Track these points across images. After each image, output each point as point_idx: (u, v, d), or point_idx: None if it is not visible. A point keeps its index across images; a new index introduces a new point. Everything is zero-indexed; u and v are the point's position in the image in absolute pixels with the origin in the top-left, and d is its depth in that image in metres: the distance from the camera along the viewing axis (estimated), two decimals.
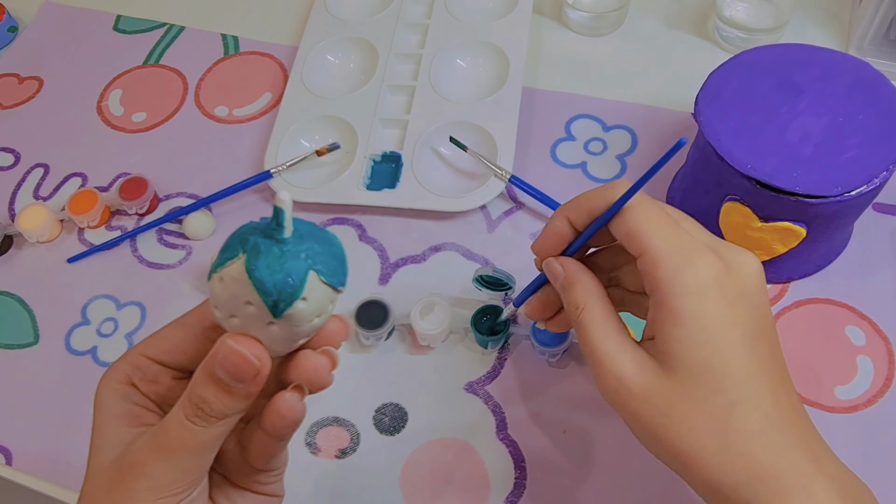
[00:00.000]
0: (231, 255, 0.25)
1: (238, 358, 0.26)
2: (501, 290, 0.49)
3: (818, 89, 0.46)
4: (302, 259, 0.25)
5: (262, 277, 0.25)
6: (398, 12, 0.65)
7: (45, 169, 0.62)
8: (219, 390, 0.27)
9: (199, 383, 0.27)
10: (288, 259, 0.25)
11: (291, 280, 0.25)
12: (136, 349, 0.31)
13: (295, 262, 0.25)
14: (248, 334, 0.26)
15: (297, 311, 0.25)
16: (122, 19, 0.71)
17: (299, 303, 0.25)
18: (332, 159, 0.58)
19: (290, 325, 0.26)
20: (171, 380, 0.31)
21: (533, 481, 0.45)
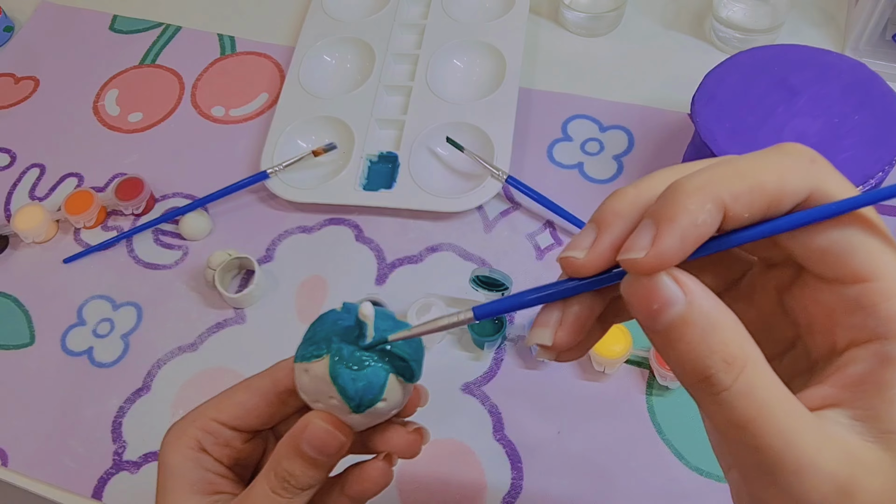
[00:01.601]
0: (317, 352, 0.27)
1: (326, 434, 0.27)
2: (498, 290, 0.49)
3: (814, 90, 0.47)
4: (382, 367, 0.27)
5: (346, 385, 0.26)
6: (395, 13, 0.65)
7: (41, 169, 0.61)
8: (305, 464, 0.28)
9: (284, 457, 0.28)
10: (369, 368, 0.27)
11: (372, 387, 0.27)
12: (206, 413, 0.31)
13: (376, 370, 0.27)
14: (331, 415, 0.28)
15: (377, 409, 0.27)
16: (119, 19, 0.71)
17: (379, 403, 0.27)
18: (328, 159, 0.58)
19: (370, 418, 0.28)
20: (242, 443, 0.31)
21: (529, 482, 0.45)
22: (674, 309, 0.19)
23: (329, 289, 0.53)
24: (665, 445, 0.46)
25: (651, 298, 0.19)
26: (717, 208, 0.19)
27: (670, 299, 0.19)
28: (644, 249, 0.19)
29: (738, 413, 0.19)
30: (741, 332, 0.19)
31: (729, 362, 0.19)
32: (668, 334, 0.19)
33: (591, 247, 0.21)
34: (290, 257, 0.55)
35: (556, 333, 0.23)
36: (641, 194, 0.21)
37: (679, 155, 0.56)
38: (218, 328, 0.52)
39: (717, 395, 0.19)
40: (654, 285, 0.19)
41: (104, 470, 0.48)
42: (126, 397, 0.50)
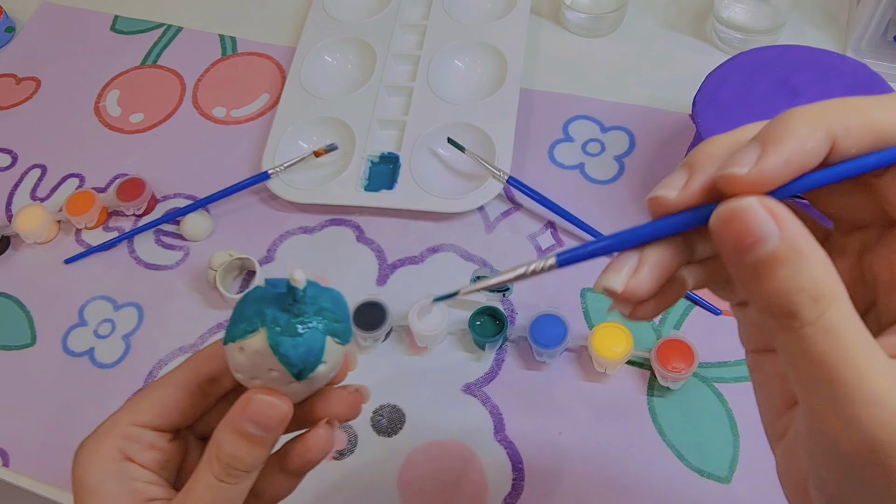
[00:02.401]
0: (250, 328, 0.27)
1: (269, 407, 0.27)
2: (499, 291, 0.49)
3: (816, 91, 0.47)
4: (320, 330, 0.27)
5: (287, 352, 0.26)
6: (396, 13, 0.65)
7: (43, 170, 0.62)
8: (249, 444, 0.27)
9: (226, 441, 0.27)
10: (308, 332, 0.27)
11: (312, 351, 0.27)
12: (123, 418, 0.30)
13: (314, 334, 0.27)
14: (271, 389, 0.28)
15: (318, 373, 0.27)
16: (120, 20, 0.71)
17: (320, 367, 0.27)
18: (329, 160, 0.58)
19: (310, 384, 0.28)
20: (167, 443, 0.30)
21: (530, 483, 0.45)
22: (767, 244, 0.19)
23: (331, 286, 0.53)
24: (666, 446, 0.46)
25: (744, 232, 0.19)
26: (827, 138, 0.19)
27: (764, 234, 0.19)
28: (747, 165, 0.19)
29: (818, 347, 0.18)
30: (831, 269, 0.19)
31: (817, 299, 0.18)
32: (758, 269, 0.19)
33: (683, 186, 0.21)
34: (292, 258, 0.55)
35: (628, 280, 0.21)
36: (738, 139, 0.21)
37: (680, 156, 0.56)
38: (219, 329, 0.52)
39: (800, 330, 0.19)
40: (749, 217, 0.19)
41: None
42: (127, 398, 0.50)
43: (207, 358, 0.31)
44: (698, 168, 0.21)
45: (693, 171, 0.21)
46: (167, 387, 0.30)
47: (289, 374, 0.27)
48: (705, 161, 0.21)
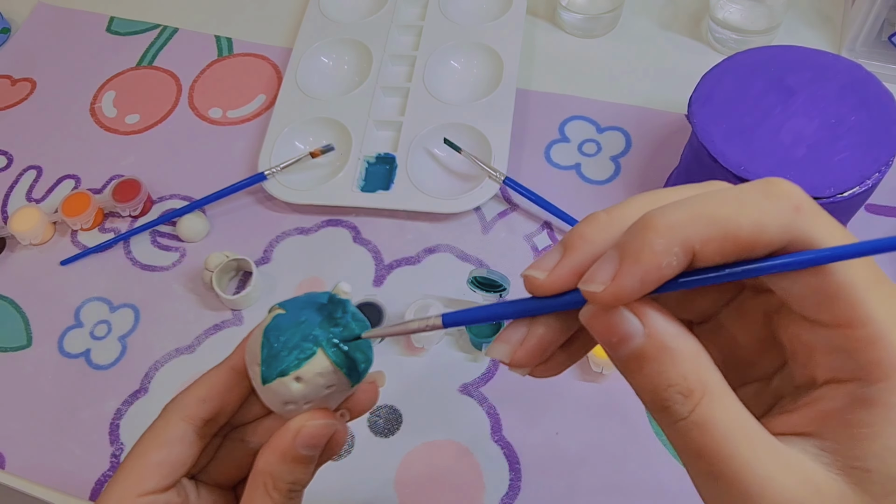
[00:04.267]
0: (304, 354, 0.27)
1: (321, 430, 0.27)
2: (496, 291, 0.49)
3: (811, 91, 0.47)
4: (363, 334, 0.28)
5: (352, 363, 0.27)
6: (392, 14, 0.65)
7: (38, 171, 0.61)
8: (305, 465, 0.28)
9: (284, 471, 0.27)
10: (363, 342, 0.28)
11: (370, 353, 0.28)
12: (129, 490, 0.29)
13: (366, 343, 0.28)
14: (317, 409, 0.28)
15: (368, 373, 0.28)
16: (116, 21, 0.70)
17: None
18: (326, 161, 0.58)
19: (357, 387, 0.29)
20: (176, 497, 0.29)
21: (527, 483, 0.45)
22: (632, 342, 0.19)
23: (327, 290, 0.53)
24: (663, 446, 0.46)
25: (609, 331, 0.20)
26: (685, 252, 0.19)
27: (628, 333, 0.19)
28: (603, 283, 0.19)
29: (694, 442, 0.19)
30: (702, 362, 0.19)
31: (686, 395, 0.19)
32: (628, 365, 0.20)
33: (553, 268, 0.21)
34: (288, 259, 0.55)
35: (515, 352, 0.22)
36: (613, 222, 0.21)
37: (676, 156, 0.56)
38: (215, 330, 0.52)
39: (675, 425, 0.19)
40: (613, 318, 0.20)
41: (101, 472, 0.48)
42: (123, 399, 0.50)
43: (199, 403, 0.29)
44: (570, 251, 0.21)
45: (565, 254, 0.21)
46: (165, 446, 0.29)
47: (348, 384, 0.27)
48: (579, 244, 0.21)
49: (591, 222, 0.21)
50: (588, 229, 0.21)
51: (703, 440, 0.19)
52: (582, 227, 0.21)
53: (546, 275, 0.21)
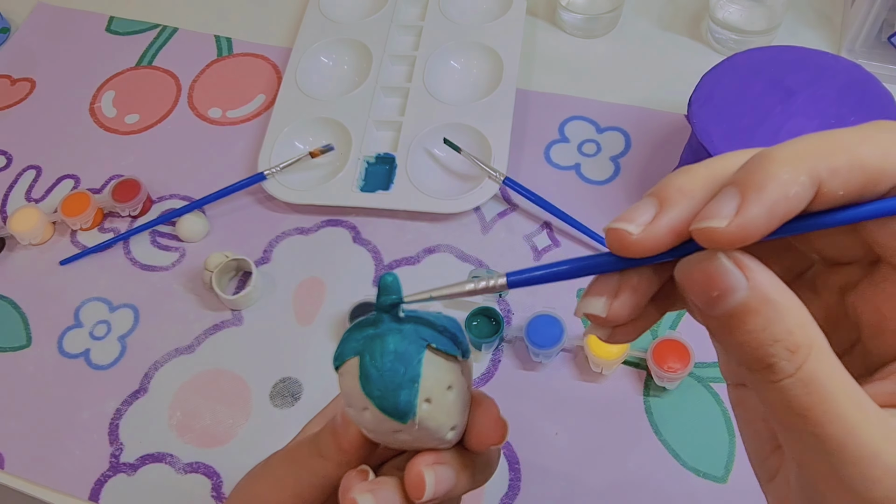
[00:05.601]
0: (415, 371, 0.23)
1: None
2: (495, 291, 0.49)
3: (810, 91, 0.47)
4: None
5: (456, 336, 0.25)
6: (392, 14, 0.65)
7: (38, 171, 0.61)
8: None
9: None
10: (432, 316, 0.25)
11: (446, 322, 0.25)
12: None
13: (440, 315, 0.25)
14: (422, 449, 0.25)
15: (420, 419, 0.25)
16: (115, 20, 0.70)
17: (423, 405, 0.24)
18: (325, 161, 0.58)
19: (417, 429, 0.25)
20: None
21: (527, 483, 0.45)
22: (735, 296, 0.18)
23: (326, 290, 0.53)
24: (662, 446, 0.46)
25: (710, 284, 0.18)
26: (812, 182, 0.17)
27: (732, 285, 0.18)
28: (726, 218, 0.17)
29: (799, 401, 0.17)
30: (807, 317, 0.18)
31: (793, 350, 0.17)
32: (728, 321, 0.18)
33: (649, 223, 0.19)
34: (288, 259, 0.55)
35: (610, 305, 0.20)
36: (715, 173, 0.19)
37: (676, 156, 0.56)
38: (215, 330, 0.52)
39: (778, 383, 0.18)
40: (714, 269, 0.18)
41: (101, 472, 0.48)
42: (123, 399, 0.50)
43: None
44: (668, 204, 0.19)
45: (662, 207, 0.19)
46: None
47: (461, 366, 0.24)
48: (677, 197, 0.19)
49: (688, 174, 0.19)
50: (686, 181, 0.19)
51: (810, 399, 0.17)
52: (678, 179, 0.19)
53: (641, 229, 0.19)
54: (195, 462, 0.47)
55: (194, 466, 0.47)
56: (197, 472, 0.47)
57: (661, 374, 0.46)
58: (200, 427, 0.49)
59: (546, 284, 0.22)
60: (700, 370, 0.48)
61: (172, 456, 0.48)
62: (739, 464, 0.45)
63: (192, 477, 0.47)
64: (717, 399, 0.47)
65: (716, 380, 0.48)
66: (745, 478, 0.45)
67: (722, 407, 0.47)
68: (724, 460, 0.45)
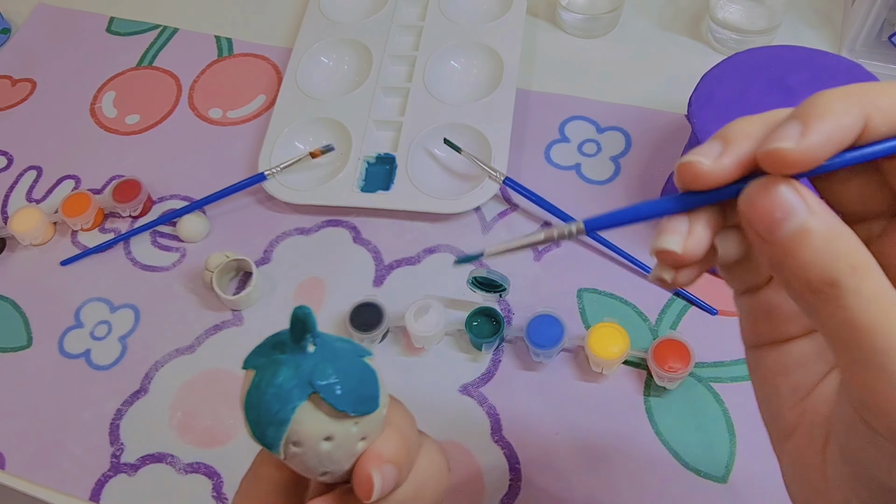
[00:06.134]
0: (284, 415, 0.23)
1: None
2: (496, 291, 0.49)
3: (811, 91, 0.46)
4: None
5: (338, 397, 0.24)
6: (392, 14, 0.65)
7: (38, 171, 0.61)
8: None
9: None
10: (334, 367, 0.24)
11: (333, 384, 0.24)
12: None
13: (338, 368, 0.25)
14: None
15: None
16: (116, 21, 0.71)
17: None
18: (326, 161, 0.58)
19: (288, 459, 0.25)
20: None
21: (528, 483, 0.45)
22: (797, 217, 0.19)
23: (327, 290, 0.53)
24: (663, 446, 0.46)
25: (774, 207, 0.19)
26: (862, 115, 0.19)
27: (794, 207, 0.19)
28: (793, 140, 0.19)
29: (866, 316, 0.18)
30: (860, 242, 0.19)
31: (855, 268, 0.19)
32: (792, 242, 0.19)
33: (717, 157, 0.21)
34: (288, 259, 0.55)
35: (686, 241, 0.21)
36: (773, 118, 0.21)
37: (676, 156, 0.56)
38: (216, 330, 0.52)
39: (843, 300, 0.19)
40: (777, 192, 0.19)
41: (102, 472, 0.48)
42: (124, 399, 0.50)
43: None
44: (733, 141, 0.21)
45: (728, 144, 0.21)
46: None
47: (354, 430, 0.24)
48: (740, 136, 0.21)
49: (750, 119, 0.21)
50: (748, 125, 0.21)
51: (875, 315, 0.18)
52: (741, 122, 0.21)
53: (712, 161, 0.21)
54: (196, 462, 0.47)
55: (195, 466, 0.47)
56: (197, 473, 0.47)
57: (662, 374, 0.46)
58: (201, 427, 0.49)
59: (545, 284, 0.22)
60: (700, 370, 0.48)
61: (173, 456, 0.48)
62: (739, 464, 0.45)
63: (193, 477, 0.47)
64: (718, 399, 0.47)
65: (717, 380, 0.48)
66: (746, 478, 0.45)
67: (722, 407, 0.47)
68: (724, 460, 0.45)
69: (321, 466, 0.23)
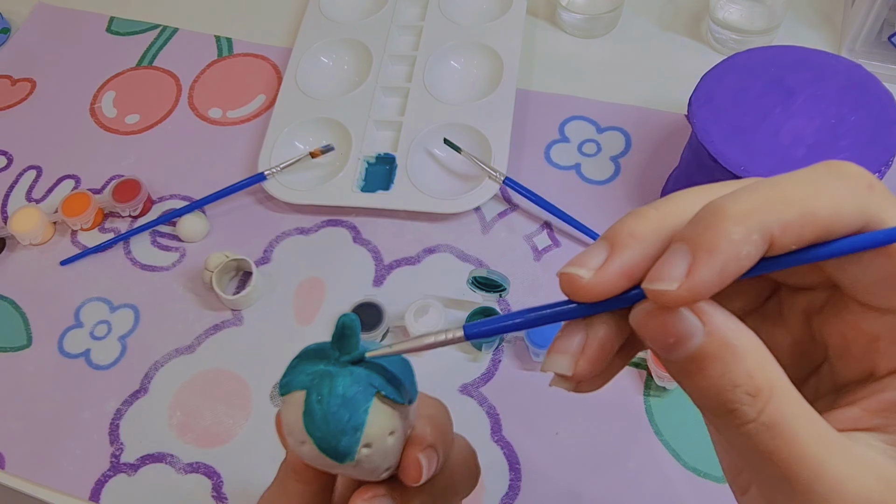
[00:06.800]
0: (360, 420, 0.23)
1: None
2: (496, 291, 0.49)
3: (811, 91, 0.47)
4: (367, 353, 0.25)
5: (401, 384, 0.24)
6: (392, 14, 0.65)
7: (38, 171, 0.61)
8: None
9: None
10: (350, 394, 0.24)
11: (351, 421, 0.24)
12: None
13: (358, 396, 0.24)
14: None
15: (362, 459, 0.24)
16: (116, 21, 0.70)
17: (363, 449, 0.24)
18: (326, 161, 0.58)
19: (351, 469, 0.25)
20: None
21: (528, 483, 0.45)
22: (692, 342, 0.18)
23: (327, 290, 0.53)
24: (662, 446, 0.46)
25: (665, 331, 0.18)
26: (764, 239, 0.17)
27: (687, 332, 0.18)
28: (677, 281, 0.17)
29: (765, 445, 0.18)
30: (766, 358, 0.18)
31: (753, 395, 0.17)
32: (687, 367, 0.18)
33: (600, 267, 0.19)
34: (288, 259, 0.55)
35: (577, 362, 0.20)
36: (666, 219, 0.19)
37: (676, 156, 0.56)
38: (215, 330, 0.52)
39: (742, 427, 0.18)
40: (669, 317, 0.18)
41: (102, 472, 0.48)
42: (123, 399, 0.50)
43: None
44: (619, 249, 0.19)
45: (613, 252, 0.19)
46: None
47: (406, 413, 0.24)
48: (629, 241, 0.19)
49: (639, 218, 0.19)
50: (637, 225, 0.19)
51: (775, 443, 0.17)
52: (629, 223, 0.19)
53: (592, 274, 0.19)
54: (195, 462, 0.47)
55: (195, 466, 0.47)
56: (197, 472, 0.47)
57: (662, 374, 0.46)
58: (201, 427, 0.49)
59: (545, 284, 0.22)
60: None
61: (173, 456, 0.48)
62: None
63: (193, 477, 0.47)
64: None
65: None
66: None
67: None
68: None
69: (386, 463, 0.24)
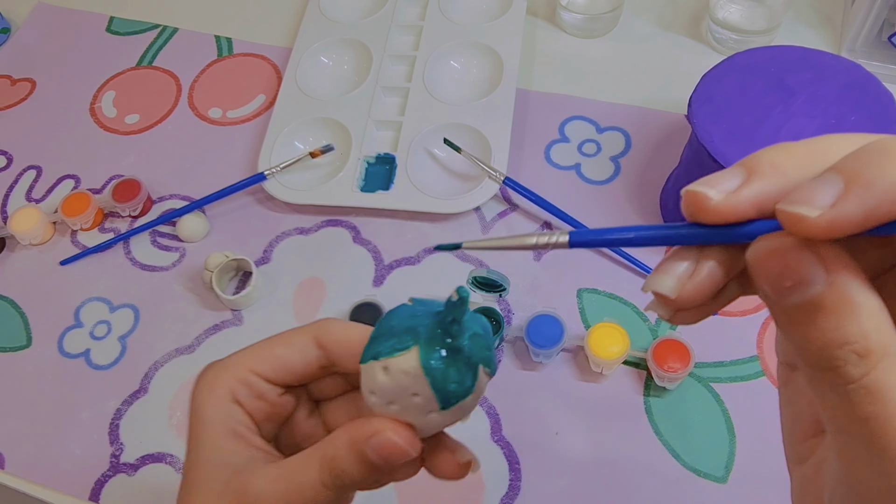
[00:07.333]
0: (400, 345, 0.24)
1: (397, 449, 0.25)
2: (496, 291, 0.49)
3: (811, 91, 0.47)
4: (475, 359, 0.25)
5: (442, 377, 0.24)
6: (392, 14, 0.65)
7: (38, 171, 0.61)
8: (366, 469, 0.26)
9: (346, 459, 0.25)
10: (464, 359, 0.24)
11: (468, 381, 0.25)
12: (243, 362, 0.28)
13: (470, 362, 0.25)
14: (402, 421, 0.25)
15: (465, 403, 0.25)
16: (116, 21, 0.70)
17: (469, 397, 0.25)
18: (325, 161, 0.58)
19: (452, 416, 0.25)
20: (277, 396, 0.29)
21: (527, 483, 0.45)
22: (810, 289, 0.16)
23: (326, 290, 0.53)
24: (662, 446, 0.46)
25: (784, 273, 0.16)
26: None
27: (808, 277, 0.16)
28: (819, 208, 0.16)
29: (863, 409, 0.16)
30: (885, 321, 0.16)
31: (863, 355, 0.16)
32: (797, 315, 0.17)
33: (732, 192, 0.17)
34: (288, 259, 0.55)
35: (683, 286, 0.18)
36: (814, 155, 0.17)
37: (676, 156, 0.56)
38: (215, 330, 0.52)
39: (842, 387, 0.17)
40: (792, 257, 0.16)
41: (101, 472, 0.48)
42: (123, 399, 0.50)
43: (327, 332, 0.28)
44: (757, 176, 0.18)
45: (751, 178, 0.18)
46: (285, 345, 0.28)
47: (434, 401, 0.24)
48: (769, 171, 0.18)
49: (785, 150, 0.18)
50: (781, 157, 0.18)
51: (873, 408, 0.16)
52: (772, 153, 0.18)
53: (722, 196, 0.17)
54: None
55: None
56: None
57: (662, 374, 0.46)
58: None
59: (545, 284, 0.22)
60: (700, 370, 0.48)
61: (173, 456, 0.48)
62: (739, 464, 0.45)
63: None
64: (718, 399, 0.47)
65: (716, 380, 0.48)
66: (746, 478, 0.45)
67: (722, 407, 0.47)
68: (724, 460, 0.45)
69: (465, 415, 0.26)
